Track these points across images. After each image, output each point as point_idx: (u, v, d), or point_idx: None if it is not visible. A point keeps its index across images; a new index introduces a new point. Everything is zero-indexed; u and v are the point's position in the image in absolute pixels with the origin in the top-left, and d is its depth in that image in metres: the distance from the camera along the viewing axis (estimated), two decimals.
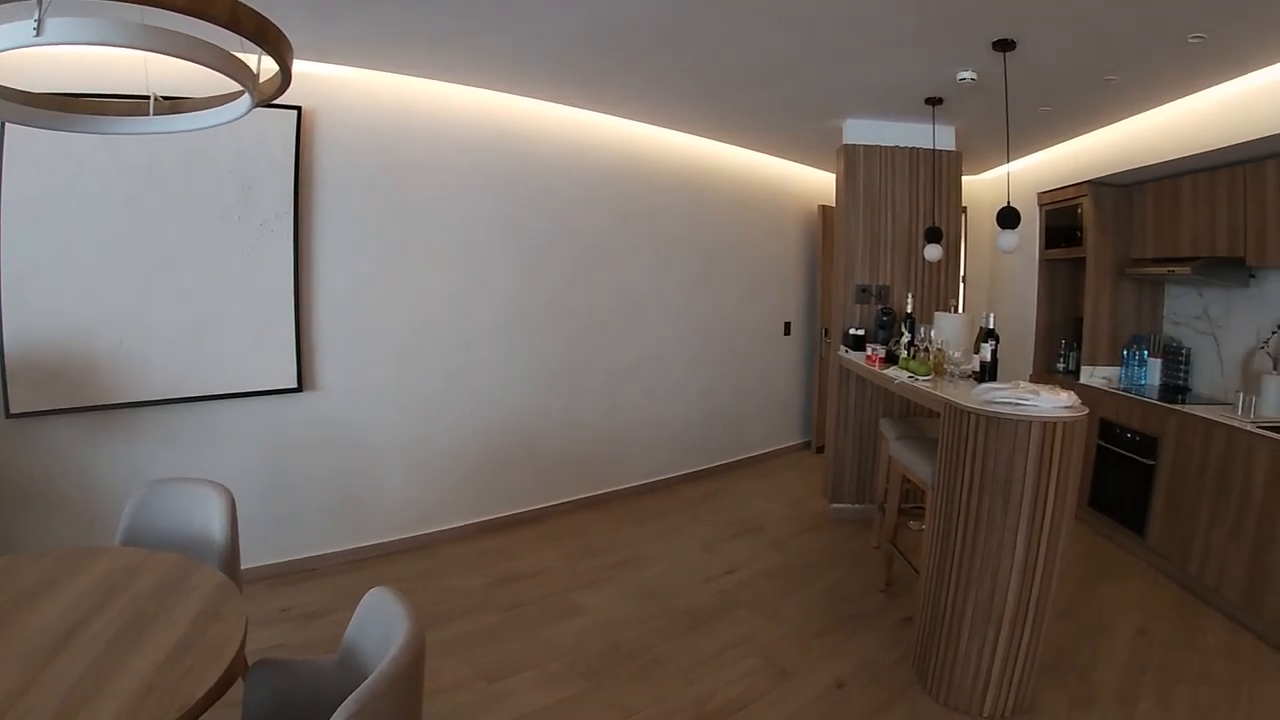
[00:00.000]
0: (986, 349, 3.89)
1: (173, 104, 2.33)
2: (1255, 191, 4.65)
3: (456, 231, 5.11)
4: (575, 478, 5.86)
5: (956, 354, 4.32)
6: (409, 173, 4.89)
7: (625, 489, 6.18)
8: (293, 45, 2.05)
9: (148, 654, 1.82)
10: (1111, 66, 4.32)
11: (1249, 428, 4.29)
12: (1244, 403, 4.72)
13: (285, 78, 2.09)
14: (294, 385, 4.52)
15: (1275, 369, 4.84)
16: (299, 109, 4.37)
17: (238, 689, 2.05)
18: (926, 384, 3.94)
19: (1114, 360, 6.10)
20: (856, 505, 5.89)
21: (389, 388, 4.90)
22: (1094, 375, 6.08)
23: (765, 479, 6.84)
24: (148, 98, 2.27)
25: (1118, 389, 5.73)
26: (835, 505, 5.90)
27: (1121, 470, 5.43)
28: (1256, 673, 3.75)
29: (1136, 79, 4.51)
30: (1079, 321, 6.28)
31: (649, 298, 6.23)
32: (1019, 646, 3.20)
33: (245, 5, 1.69)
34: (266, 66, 2.04)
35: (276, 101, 2.68)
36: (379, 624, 2.00)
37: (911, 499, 4.84)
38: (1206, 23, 3.57)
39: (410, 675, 1.75)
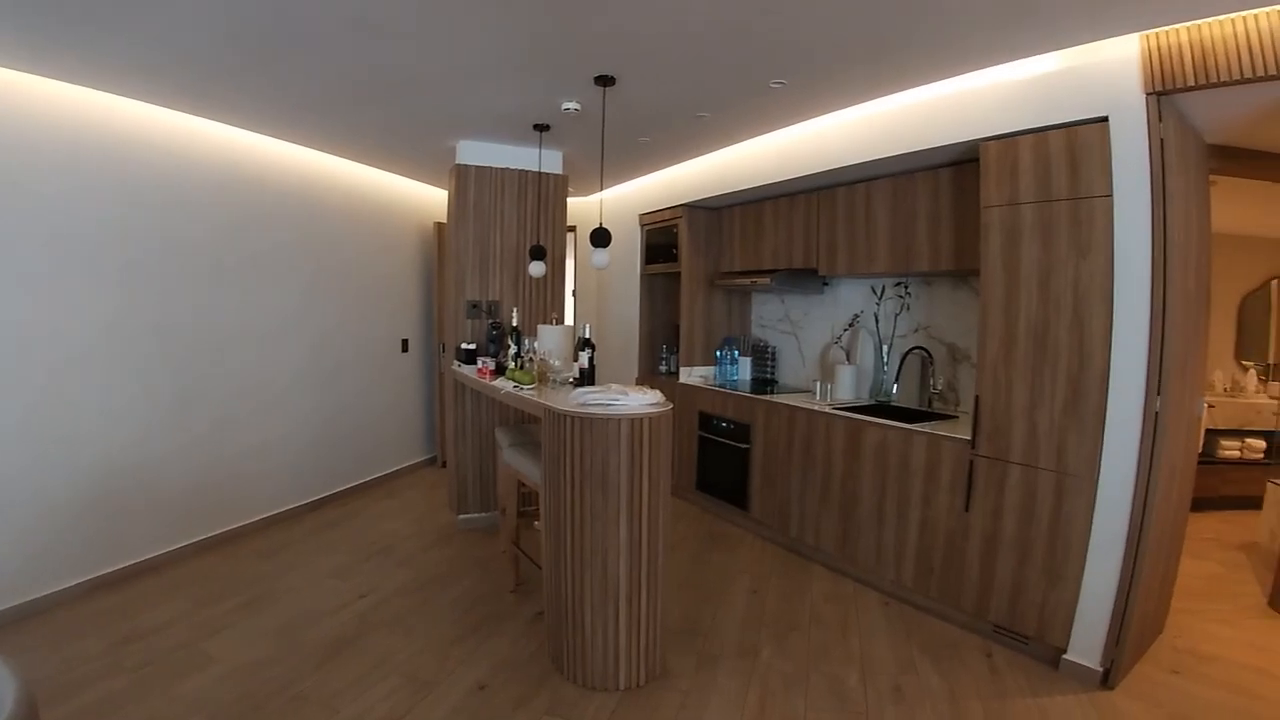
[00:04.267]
0: (584, 357, 4.18)
1: None
2: (826, 214, 5.56)
3: (37, 246, 4.27)
4: (196, 517, 5.28)
5: (557, 363, 4.60)
6: None
7: (251, 524, 5.71)
8: None
9: None
10: (703, 105, 4.83)
11: (827, 410, 5.09)
12: (821, 389, 5.61)
13: None
14: None
15: (847, 360, 5.80)
16: None
17: None
18: (531, 392, 4.12)
19: (709, 360, 6.86)
20: (482, 514, 6.01)
21: None
22: (692, 374, 6.78)
23: (392, 498, 6.72)
24: None
25: (714, 385, 6.48)
26: (462, 516, 5.98)
27: (722, 455, 6.15)
28: (858, 610, 4.48)
29: (726, 116, 5.09)
30: (677, 328, 6.95)
31: (263, 316, 5.80)
32: (640, 619, 3.53)
33: None
34: None
35: None
36: None
37: (531, 501, 5.08)
38: (786, 72, 4.15)
39: None
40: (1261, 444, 7.16)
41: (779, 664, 3.79)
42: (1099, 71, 3.58)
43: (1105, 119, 3.54)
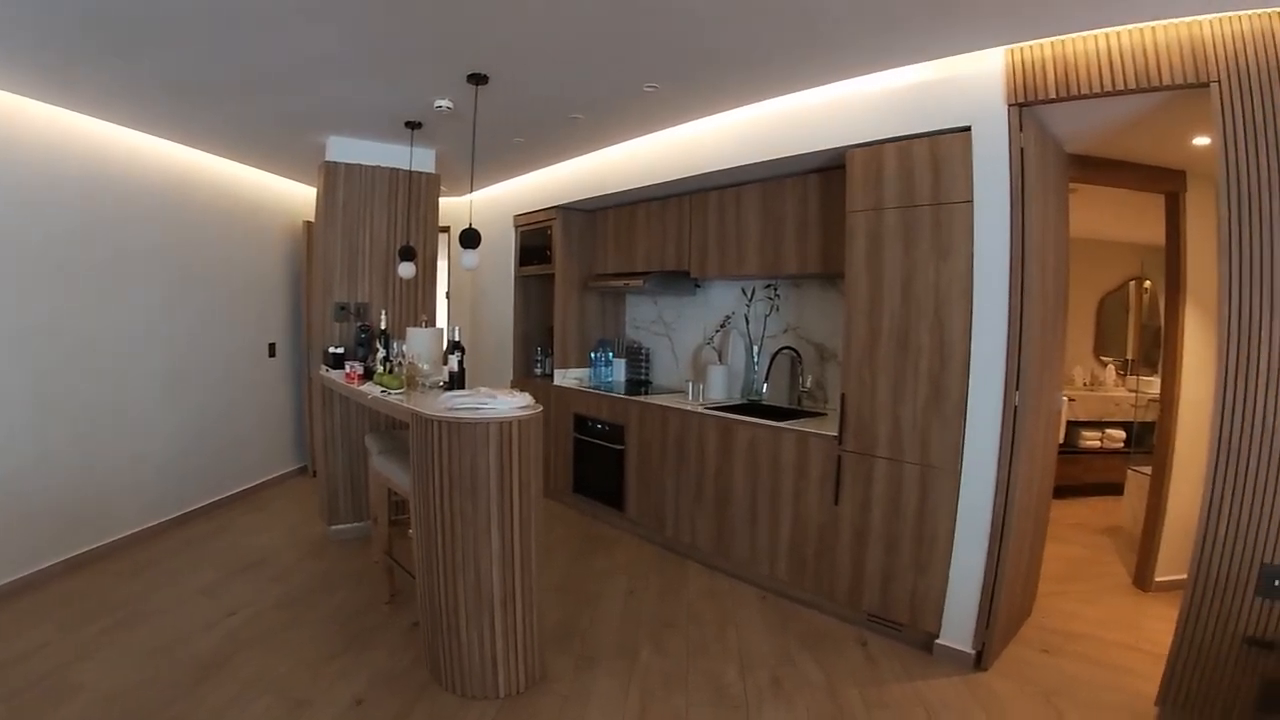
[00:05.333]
0: (454, 360, 4.14)
1: None
2: (698, 218, 5.64)
3: None
4: (59, 535, 4.89)
5: (426, 366, 4.53)
6: None
7: (117, 540, 5.34)
8: None
9: None
10: (577, 106, 4.85)
11: (699, 410, 5.17)
12: (694, 389, 5.69)
13: None
14: None
15: (719, 360, 5.89)
16: None
17: None
18: (399, 397, 4.06)
19: (584, 362, 6.87)
20: (355, 524, 5.83)
21: None
22: (567, 376, 6.77)
23: (262, 510, 6.44)
24: None
25: (589, 387, 6.49)
26: (334, 527, 5.79)
27: (598, 457, 6.16)
28: (735, 606, 4.57)
29: (600, 118, 5.12)
30: (552, 330, 6.91)
31: (124, 320, 5.42)
32: (516, 625, 3.49)
33: None
34: None
35: None
36: None
37: (404, 509, 4.94)
38: (659, 76, 4.20)
39: None
40: (1121, 434, 7.76)
41: (658, 663, 3.82)
42: (964, 83, 3.75)
43: (968, 128, 3.71)
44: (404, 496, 3.99)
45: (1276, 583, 3.00)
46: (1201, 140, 4.03)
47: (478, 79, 4.20)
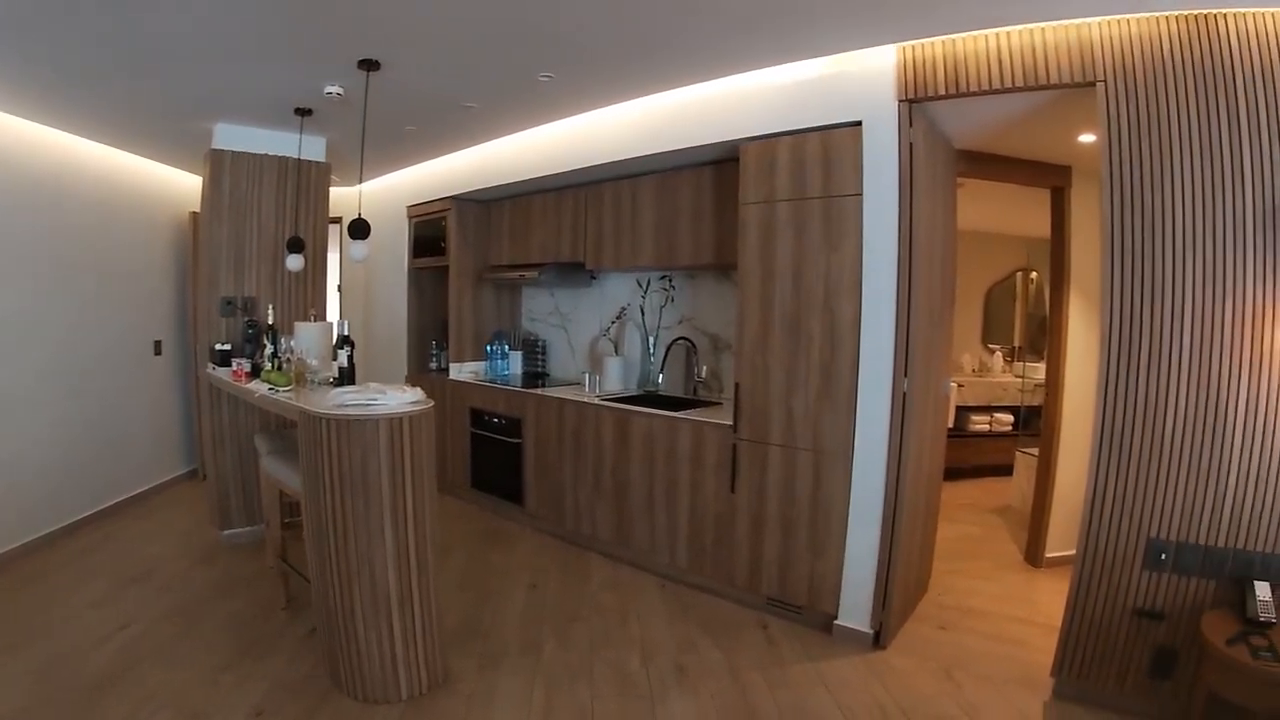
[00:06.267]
0: (343, 355, 4.06)
1: None
2: (594, 209, 5.64)
3: None
4: None
5: (315, 362, 4.37)
6: None
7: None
8: None
9: None
10: (471, 95, 4.78)
11: (596, 401, 5.19)
12: (591, 381, 5.69)
13: None
14: None
15: (615, 352, 5.92)
16: None
17: None
18: (287, 395, 3.92)
19: (480, 355, 6.78)
20: (248, 528, 5.63)
21: None
22: (463, 370, 6.69)
23: (152, 517, 6.14)
24: None
25: (485, 381, 6.43)
26: (226, 532, 5.59)
27: (496, 451, 6.12)
28: (637, 595, 4.62)
29: (494, 107, 5.06)
30: (447, 323, 6.81)
31: None
32: (416, 626, 3.43)
33: None
34: None
35: None
36: None
37: (297, 511, 4.78)
38: (555, 66, 4.18)
39: None
40: (1009, 418, 8.16)
41: (562, 656, 3.82)
42: (857, 79, 3.85)
43: (859, 123, 3.82)
44: (296, 498, 3.85)
45: (1163, 556, 3.20)
46: (1087, 137, 4.23)
47: (369, 65, 4.10)
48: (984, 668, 3.74)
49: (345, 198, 7.48)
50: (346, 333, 4.11)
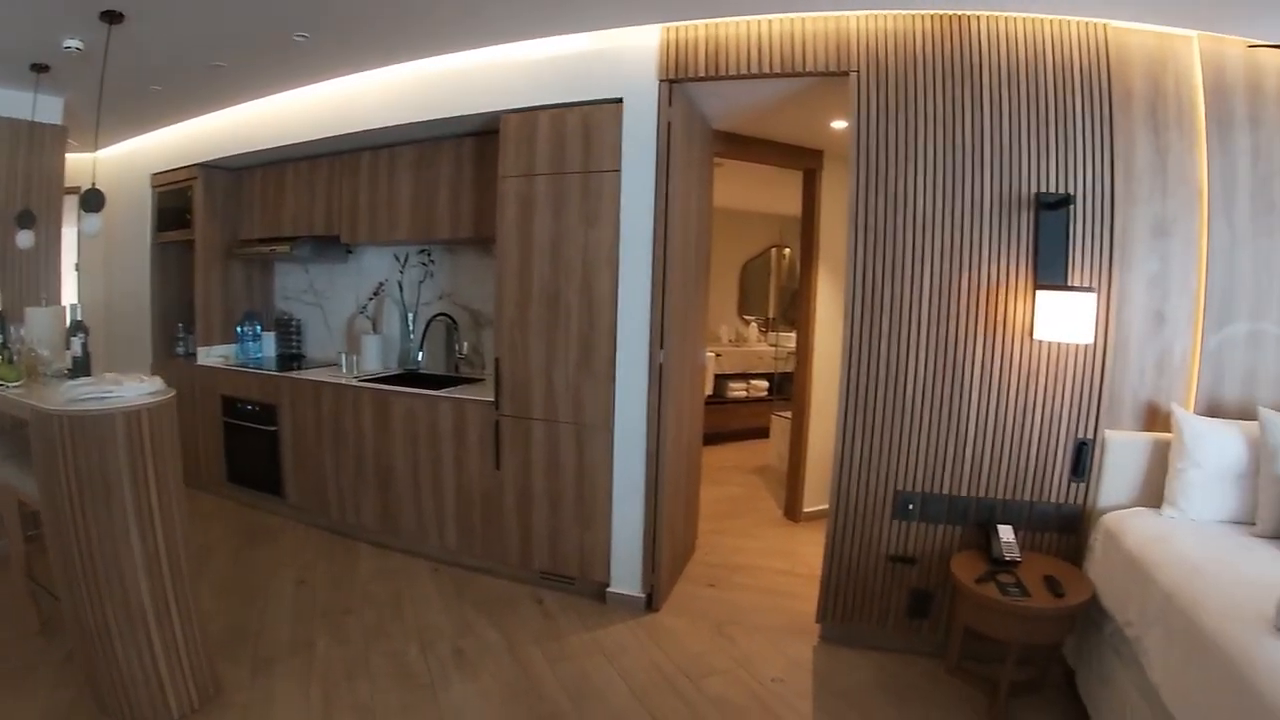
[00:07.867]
0: (76, 343, 3.69)
1: None
2: (349, 179, 5.37)
3: None
4: None
5: (47, 353, 3.87)
6: None
7: None
8: None
9: None
10: (221, 53, 4.43)
11: (353, 383, 5.00)
12: (348, 361, 5.46)
13: None
14: None
15: (374, 330, 5.72)
16: None
17: None
18: (17, 390, 3.47)
19: (230, 338, 6.31)
20: None
21: None
22: (211, 354, 6.19)
23: None
24: None
25: (236, 365, 6.00)
26: None
27: (250, 441, 5.72)
28: (409, 582, 4.52)
29: (246, 68, 4.70)
30: (194, 304, 6.30)
31: None
32: (177, 638, 3.15)
33: None
34: None
35: None
36: None
37: (40, 522, 4.32)
38: (309, 26, 3.94)
39: None
40: (765, 384, 8.77)
41: (338, 652, 3.68)
42: (620, 56, 3.90)
43: (620, 100, 3.88)
44: (37, 507, 3.39)
45: (910, 506, 3.54)
46: (839, 124, 4.51)
47: (112, 16, 3.70)
48: (754, 620, 3.97)
49: (84, 165, 6.76)
50: (80, 318, 3.71)
